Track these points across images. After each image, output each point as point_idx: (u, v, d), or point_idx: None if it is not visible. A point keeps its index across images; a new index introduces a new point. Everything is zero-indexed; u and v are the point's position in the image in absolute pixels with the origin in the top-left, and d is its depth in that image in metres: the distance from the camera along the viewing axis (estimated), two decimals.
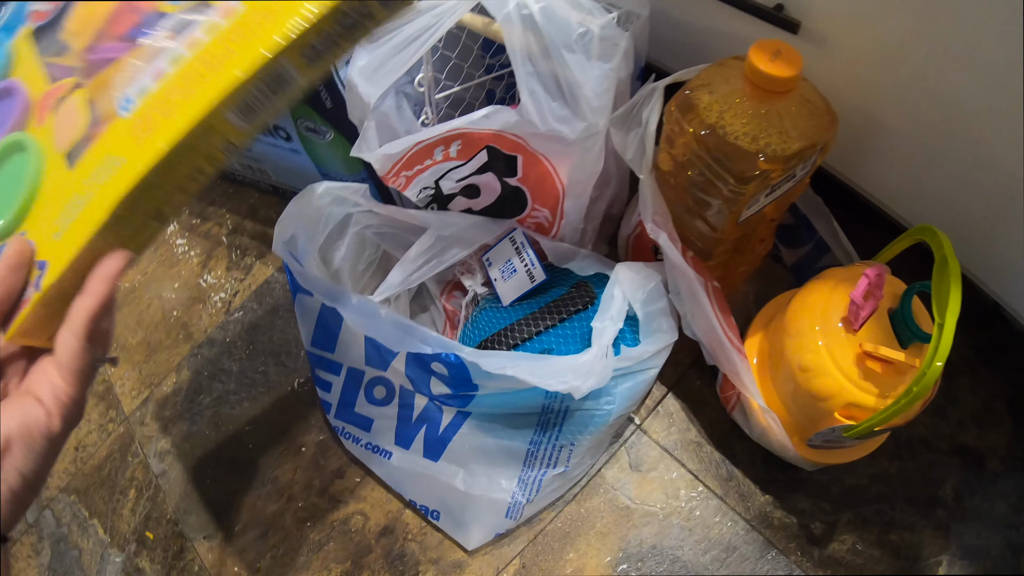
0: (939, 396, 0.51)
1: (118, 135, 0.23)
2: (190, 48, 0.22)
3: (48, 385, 0.21)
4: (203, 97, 0.21)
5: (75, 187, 0.23)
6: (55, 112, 0.26)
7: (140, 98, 0.23)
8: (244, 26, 0.22)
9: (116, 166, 0.22)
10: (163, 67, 0.23)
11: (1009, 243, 0.41)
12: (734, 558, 0.45)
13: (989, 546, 0.47)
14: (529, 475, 0.41)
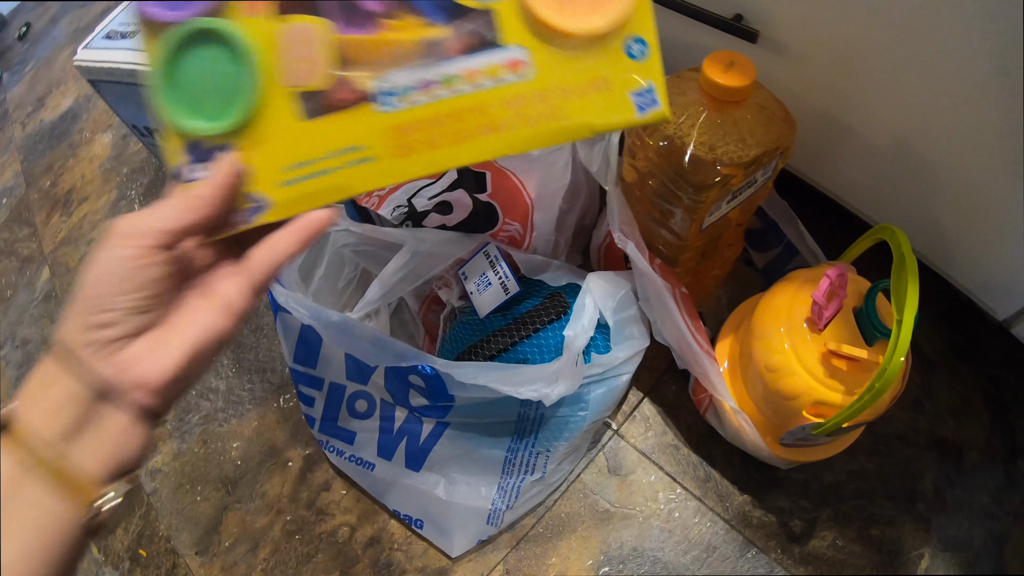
0: (915, 391, 0.53)
1: (370, 125, 0.23)
2: (470, 82, 0.22)
3: (236, 292, 0.23)
4: (481, 146, 0.22)
5: (310, 148, 0.23)
6: (282, 23, 0.22)
7: (403, 103, 0.22)
8: (542, 95, 0.22)
9: (363, 159, 0.23)
10: (435, 83, 0.22)
11: (972, 237, 0.42)
12: (714, 558, 0.46)
13: (971, 537, 0.48)
14: (508, 482, 0.43)
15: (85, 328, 0.21)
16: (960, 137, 0.37)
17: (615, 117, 0.23)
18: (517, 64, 0.22)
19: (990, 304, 0.45)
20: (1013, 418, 0.52)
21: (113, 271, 0.21)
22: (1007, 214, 0.39)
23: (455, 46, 0.22)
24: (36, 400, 0.21)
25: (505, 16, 0.22)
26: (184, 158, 0.23)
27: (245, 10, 0.22)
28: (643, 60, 0.23)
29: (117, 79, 0.56)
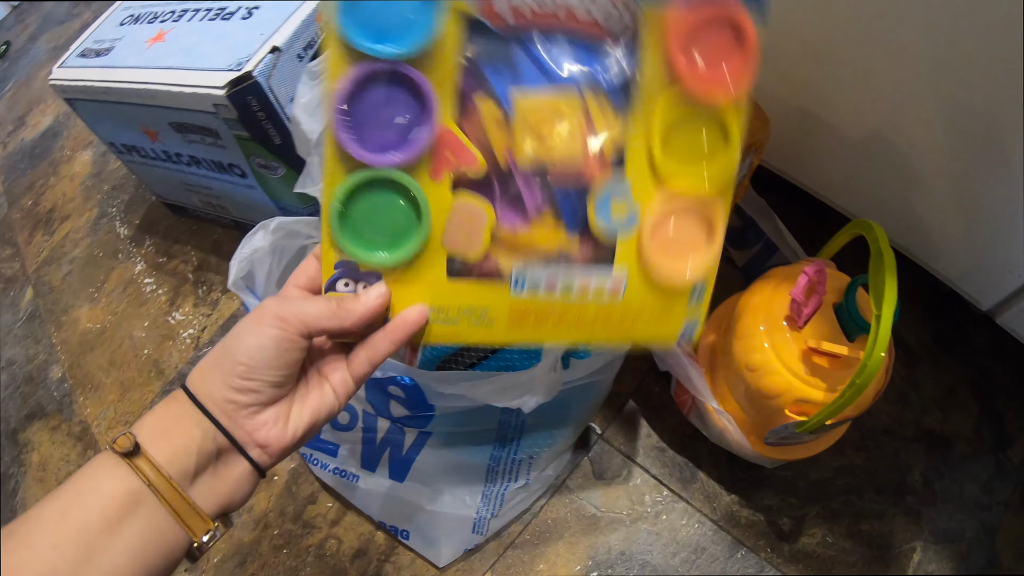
0: (901, 383, 0.53)
1: (499, 299, 0.28)
2: (581, 293, 0.29)
3: (342, 382, 0.27)
4: (568, 335, 0.29)
5: (445, 300, 0.28)
6: (456, 197, 0.27)
7: (529, 291, 0.28)
8: (622, 316, 0.29)
9: (484, 321, 0.29)
10: (557, 285, 0.28)
11: (953, 228, 0.42)
12: (703, 559, 0.46)
13: (963, 528, 0.48)
14: (492, 490, 0.42)
15: (229, 388, 0.24)
16: (935, 127, 0.38)
17: (662, 340, 0.30)
18: (616, 291, 0.29)
19: (974, 294, 0.45)
20: (1001, 407, 0.52)
21: (266, 347, 0.24)
22: (985, 203, 0.39)
23: (580, 257, 0.29)
24: (166, 435, 0.24)
25: (623, 249, 0.29)
26: (335, 271, 0.27)
27: (432, 175, 0.27)
28: (699, 302, 0.30)
29: (92, 97, 0.56)
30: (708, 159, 0.29)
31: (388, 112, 0.26)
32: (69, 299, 0.67)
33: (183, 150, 0.56)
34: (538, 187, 0.28)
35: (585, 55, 0.27)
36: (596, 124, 0.28)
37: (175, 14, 0.56)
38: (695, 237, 0.29)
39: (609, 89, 0.28)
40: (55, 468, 0.57)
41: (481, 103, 0.27)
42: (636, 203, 0.28)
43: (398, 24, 0.25)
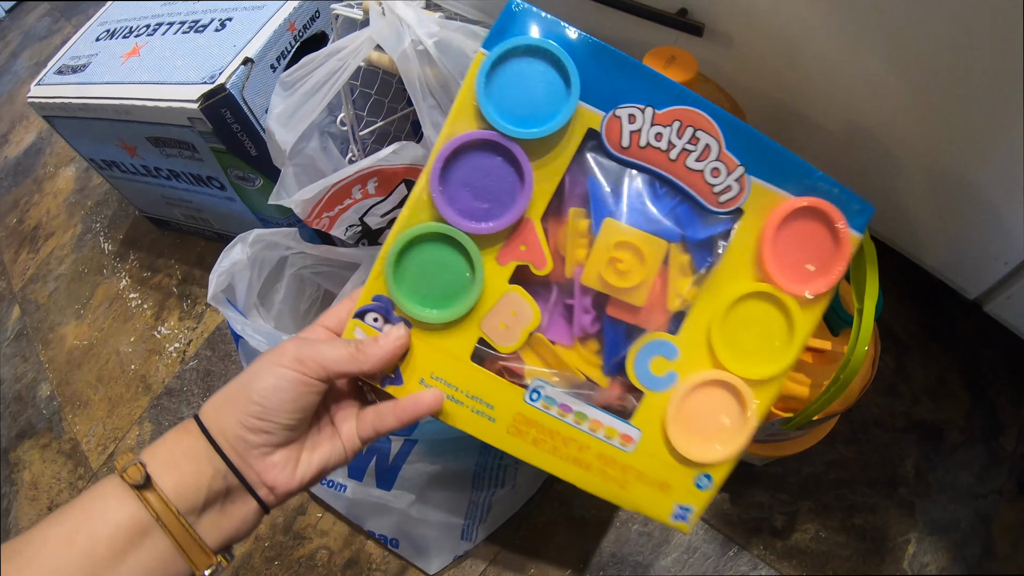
0: (890, 374, 0.53)
1: (510, 401, 0.27)
2: (592, 428, 0.28)
3: (350, 437, 0.27)
4: (562, 468, 0.28)
5: (460, 379, 0.27)
6: (509, 288, 0.27)
7: (542, 406, 0.27)
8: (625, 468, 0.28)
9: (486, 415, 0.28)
10: (571, 412, 0.27)
11: (937, 218, 0.42)
12: (696, 558, 0.46)
13: (957, 518, 0.48)
14: (479, 496, 0.43)
15: (242, 427, 0.24)
16: (912, 118, 0.37)
17: (654, 510, 0.29)
18: (628, 439, 0.28)
19: (960, 283, 0.45)
20: (992, 395, 0.52)
21: (284, 389, 0.24)
22: (968, 192, 0.39)
23: (602, 400, 0.28)
24: (177, 467, 0.24)
25: (648, 404, 0.28)
26: (371, 303, 0.27)
27: (499, 257, 0.27)
28: (702, 491, 0.29)
29: (70, 114, 0.56)
30: (765, 349, 0.28)
31: (486, 184, 0.26)
32: (56, 316, 0.67)
33: (162, 164, 0.56)
34: (592, 312, 0.28)
35: (686, 212, 0.27)
36: (671, 276, 0.28)
37: (150, 28, 0.56)
38: (725, 421, 0.28)
39: (696, 250, 0.27)
40: (47, 486, 0.57)
41: (573, 212, 0.28)
42: (678, 366, 0.28)
43: (527, 111, 0.26)
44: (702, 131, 0.26)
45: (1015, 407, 0.51)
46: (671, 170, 0.27)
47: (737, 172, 0.26)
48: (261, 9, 0.51)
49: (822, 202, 0.27)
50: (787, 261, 0.27)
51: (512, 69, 0.26)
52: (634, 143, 0.26)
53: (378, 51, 0.42)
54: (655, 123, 0.26)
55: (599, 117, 0.26)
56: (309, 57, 0.42)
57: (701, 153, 0.26)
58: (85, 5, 1.01)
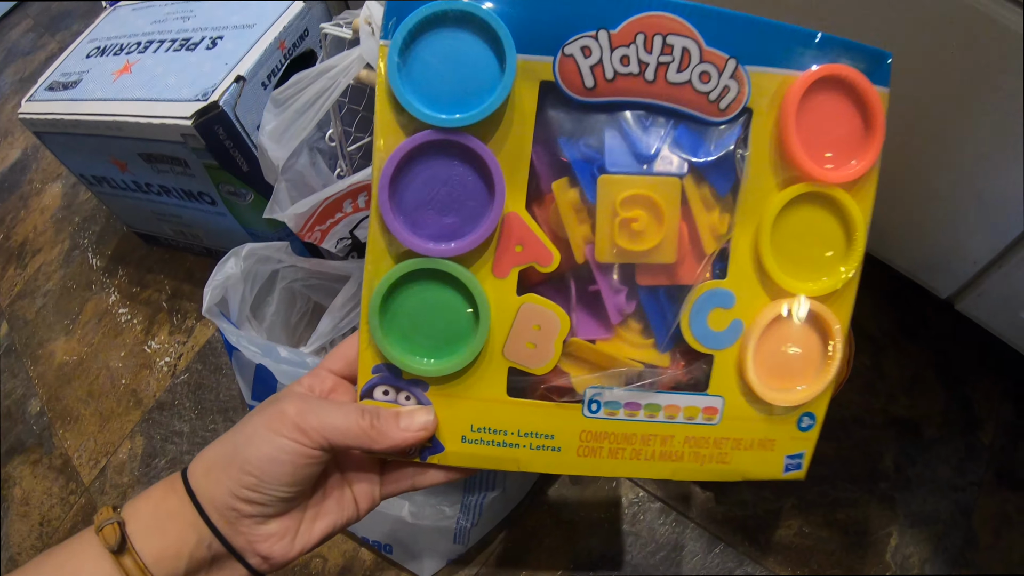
0: (867, 373, 0.56)
1: (569, 423, 0.24)
2: (668, 415, 0.24)
3: (367, 495, 0.25)
4: (651, 468, 0.25)
5: (504, 420, 0.24)
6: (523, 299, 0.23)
7: (606, 414, 0.24)
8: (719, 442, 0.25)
9: (548, 447, 0.24)
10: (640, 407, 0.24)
11: (904, 220, 0.45)
12: (683, 556, 0.48)
13: (938, 511, 0.50)
14: (470, 500, 0.45)
15: (234, 496, 0.22)
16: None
17: (765, 471, 0.26)
18: (712, 411, 0.25)
19: (932, 283, 0.48)
20: (968, 390, 0.55)
21: (281, 461, 0.22)
22: (931, 194, 0.42)
23: (670, 382, 0.24)
24: (159, 531, 0.22)
25: (721, 366, 0.24)
26: (373, 376, 0.23)
27: (495, 270, 0.23)
28: (808, 432, 0.26)
29: (61, 130, 0.58)
30: (828, 256, 0.24)
31: (447, 192, 0.22)
32: (44, 332, 0.69)
33: (153, 180, 0.58)
34: (623, 289, 0.24)
35: (686, 134, 0.23)
36: (696, 215, 0.23)
37: (141, 45, 0.58)
38: (808, 353, 0.25)
39: (712, 175, 0.23)
40: (38, 502, 0.58)
41: (556, 187, 0.23)
42: (739, 312, 0.24)
43: (461, 88, 0.21)
44: (673, 35, 0.22)
45: (990, 401, 0.54)
46: (653, 93, 0.22)
47: (730, 67, 0.22)
48: (251, 28, 0.53)
49: (836, 67, 0.23)
50: (820, 146, 0.23)
51: (427, 48, 0.21)
52: (599, 79, 0.22)
53: (368, 70, 0.45)
54: (615, 46, 0.22)
55: (548, 65, 0.22)
56: (300, 75, 0.44)
57: (681, 61, 0.22)
58: (69, 21, 1.03)
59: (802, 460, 0.26)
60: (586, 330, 0.24)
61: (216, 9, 0.57)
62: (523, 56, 0.22)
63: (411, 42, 0.21)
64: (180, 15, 0.59)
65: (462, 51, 0.21)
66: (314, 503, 0.24)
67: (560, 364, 0.24)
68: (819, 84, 0.23)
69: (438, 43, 0.21)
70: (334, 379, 0.25)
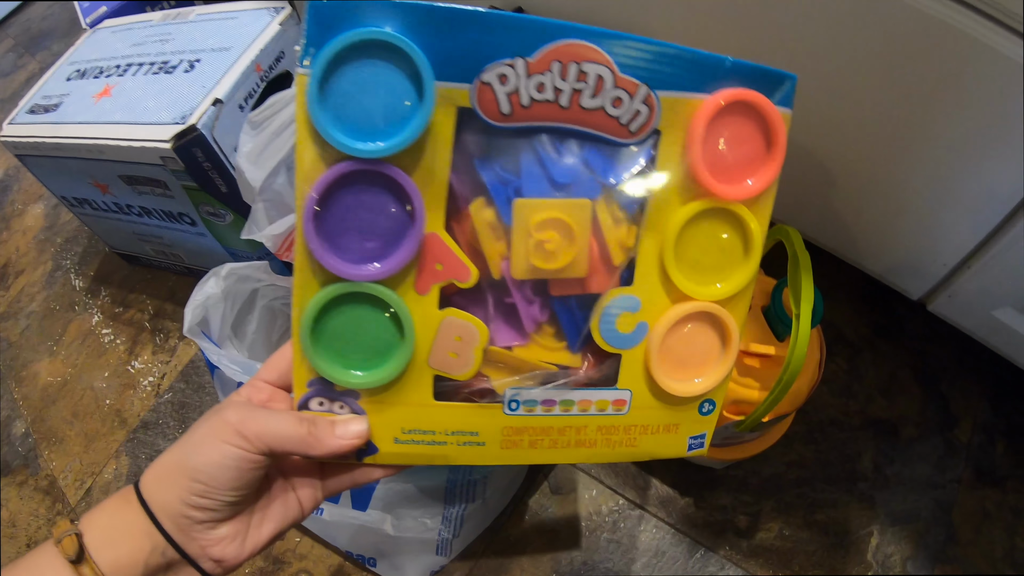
0: (843, 375, 0.57)
1: (491, 421, 0.27)
2: (581, 409, 0.27)
3: (309, 496, 0.27)
4: (567, 454, 0.28)
5: (432, 422, 0.26)
6: (444, 313, 0.25)
7: (525, 411, 0.27)
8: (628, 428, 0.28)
9: (473, 443, 0.27)
10: (555, 403, 0.27)
11: (872, 224, 0.46)
12: (664, 562, 0.50)
13: (918, 508, 0.52)
14: (451, 512, 0.46)
15: (184, 503, 0.24)
16: (840, 131, 0.42)
17: (670, 451, 0.29)
18: (621, 403, 0.28)
19: (903, 285, 0.50)
20: (945, 389, 0.57)
21: (226, 467, 0.23)
22: (899, 198, 0.43)
23: (582, 380, 0.27)
24: (115, 543, 0.23)
25: (628, 363, 0.27)
26: (308, 389, 0.25)
27: (417, 287, 0.25)
28: (708, 416, 0.29)
29: (43, 153, 0.59)
30: (725, 264, 0.27)
31: (368, 218, 0.23)
32: (28, 354, 0.70)
33: (134, 201, 0.59)
34: (536, 300, 0.26)
35: (597, 156, 0.25)
36: (605, 231, 0.26)
37: (120, 68, 0.60)
38: (707, 347, 0.28)
39: (620, 191, 0.25)
40: (25, 523, 0.59)
41: (473, 207, 0.25)
42: (644, 315, 0.26)
43: (381, 116, 0.22)
44: (588, 62, 0.23)
45: (967, 399, 0.56)
46: (567, 118, 0.24)
47: (641, 93, 0.24)
48: (228, 51, 0.55)
49: (740, 92, 0.25)
50: (722, 166, 0.25)
51: (346, 78, 0.22)
52: (515, 106, 0.23)
53: None
54: (531, 73, 0.23)
55: (465, 92, 0.23)
56: (276, 97, 0.46)
57: (595, 88, 0.23)
58: (49, 42, 1.04)
59: (703, 440, 0.30)
60: (503, 338, 0.27)
61: (194, 32, 0.59)
62: (441, 83, 0.23)
63: (330, 72, 0.22)
64: (158, 38, 0.60)
65: (381, 80, 0.22)
66: (260, 507, 0.26)
67: (481, 370, 0.27)
68: (725, 107, 0.25)
69: (357, 72, 0.22)
70: (270, 389, 0.27)
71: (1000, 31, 0.32)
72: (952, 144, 0.37)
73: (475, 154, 0.24)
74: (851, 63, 0.37)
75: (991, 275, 0.42)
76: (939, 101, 0.36)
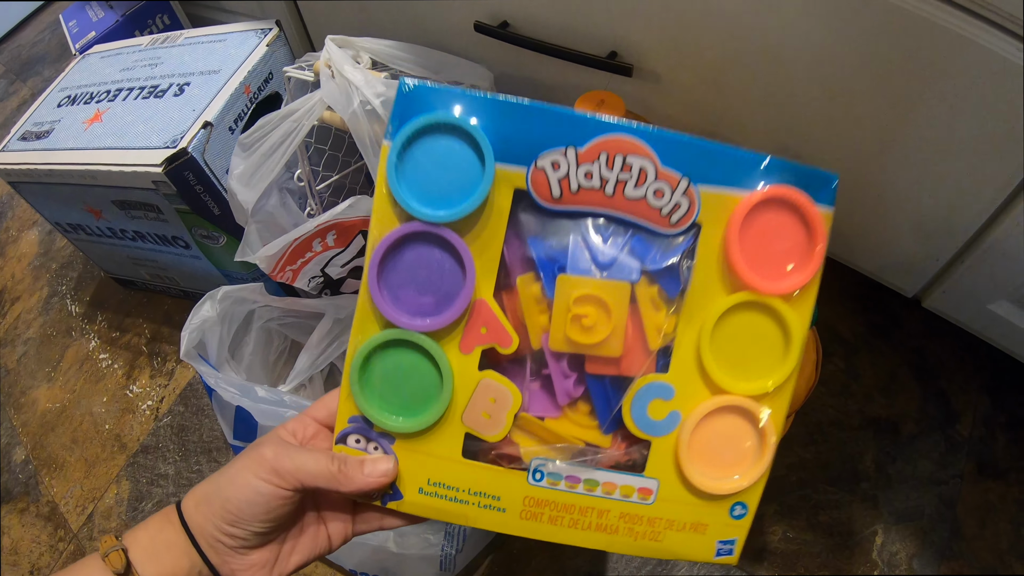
0: (841, 376, 0.58)
1: (514, 488, 0.27)
2: (606, 491, 0.27)
3: (340, 531, 0.29)
4: (587, 538, 0.28)
5: (457, 479, 0.27)
6: (482, 375, 0.26)
7: (549, 484, 0.27)
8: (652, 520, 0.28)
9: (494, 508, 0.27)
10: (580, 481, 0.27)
11: (865, 225, 0.47)
12: (669, 570, 0.50)
13: (921, 505, 0.52)
14: (454, 527, 0.46)
15: (218, 530, 0.26)
16: (831, 134, 0.43)
17: (696, 553, 0.28)
18: (647, 492, 0.27)
19: (898, 283, 0.50)
20: (943, 385, 0.57)
21: (257, 503, 0.25)
22: (890, 196, 0.44)
23: (609, 461, 0.28)
24: (158, 558, 0.26)
25: (658, 451, 0.27)
26: (349, 425, 0.27)
27: (461, 346, 0.27)
28: (740, 520, 0.28)
29: (36, 180, 0.60)
30: (764, 359, 0.27)
31: (427, 275, 0.26)
32: (26, 381, 0.70)
33: (127, 226, 0.60)
34: (572, 375, 0.27)
35: (640, 243, 0.26)
36: (644, 314, 0.27)
37: (110, 94, 0.60)
38: (742, 444, 0.27)
39: (662, 279, 0.27)
40: (27, 550, 0.59)
41: (521, 280, 0.27)
42: (678, 404, 0.27)
43: (448, 188, 0.26)
44: (632, 155, 0.25)
45: (966, 394, 0.56)
46: (612, 205, 0.26)
47: (682, 186, 0.25)
48: (217, 73, 0.56)
49: (780, 188, 0.25)
50: (761, 261, 0.26)
51: (421, 151, 0.26)
52: (565, 190, 0.26)
53: (330, 111, 0.47)
54: (581, 163, 0.25)
55: (522, 174, 0.26)
56: (265, 119, 0.47)
57: (638, 179, 0.26)
58: (40, 67, 1.05)
59: (734, 546, 0.28)
60: (537, 407, 0.28)
61: (182, 55, 0.60)
62: (501, 164, 0.26)
63: (408, 145, 0.26)
64: (148, 62, 0.61)
65: (451, 155, 0.26)
66: (291, 536, 0.28)
67: (511, 435, 0.28)
68: (765, 203, 0.26)
69: (431, 147, 0.26)
70: (316, 426, 0.29)
71: (985, 26, 0.32)
72: (939, 140, 0.38)
73: (528, 232, 0.27)
74: (840, 62, 0.38)
75: (984, 269, 0.42)
76: (925, 98, 0.36)
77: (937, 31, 0.33)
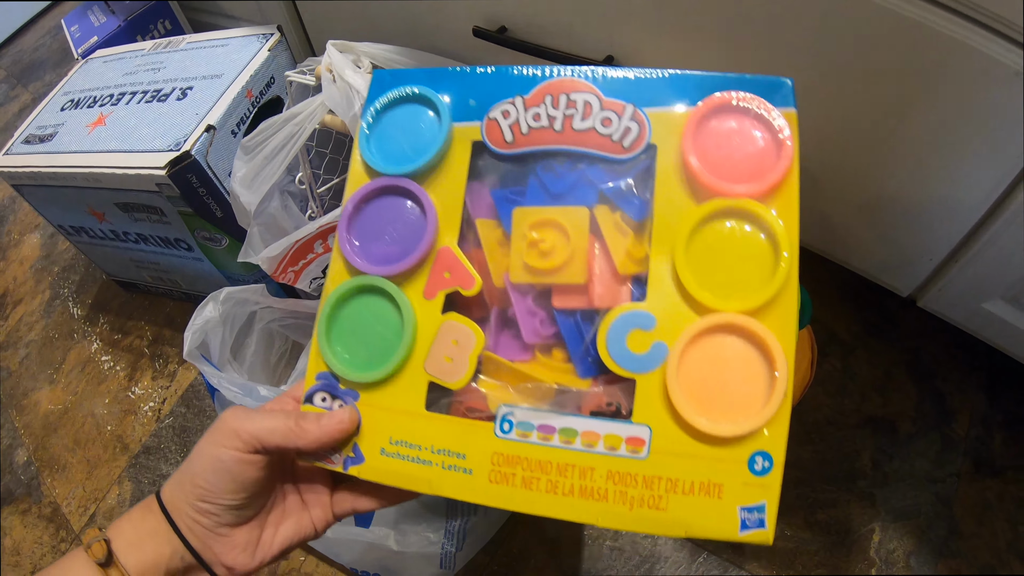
0: (838, 375, 0.58)
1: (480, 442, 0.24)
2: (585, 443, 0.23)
3: (322, 515, 0.28)
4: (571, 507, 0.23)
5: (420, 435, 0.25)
6: (445, 318, 0.26)
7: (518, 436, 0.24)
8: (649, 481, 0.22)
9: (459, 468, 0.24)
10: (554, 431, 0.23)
11: (858, 224, 0.47)
12: (667, 567, 0.50)
13: (918, 504, 0.53)
14: (453, 525, 0.47)
15: (193, 509, 0.26)
16: (822, 129, 0.43)
17: (715, 528, 0.22)
18: (637, 443, 0.22)
19: (893, 283, 0.51)
20: (940, 383, 0.58)
21: (221, 470, 0.25)
22: (886, 197, 0.44)
23: (589, 405, 0.24)
24: (140, 547, 0.26)
25: (644, 391, 0.23)
26: (316, 382, 0.27)
27: (426, 292, 0.26)
28: (764, 477, 0.21)
29: (39, 183, 0.61)
30: (755, 273, 0.23)
31: (395, 228, 0.27)
32: (28, 382, 0.71)
33: (130, 228, 0.61)
34: (539, 313, 0.25)
35: (595, 171, 0.26)
36: (609, 240, 0.25)
37: (113, 98, 0.61)
38: (747, 372, 0.22)
39: (624, 203, 0.25)
40: (29, 551, 0.59)
41: (481, 223, 0.27)
42: (662, 334, 0.23)
43: (413, 149, 0.28)
44: (576, 92, 0.26)
45: (962, 392, 0.57)
46: (563, 141, 0.26)
47: (628, 111, 0.25)
48: (219, 78, 0.56)
49: (732, 93, 0.24)
50: (725, 167, 0.24)
51: (389, 122, 0.29)
52: (517, 134, 0.26)
53: (331, 115, 0.48)
54: (528, 107, 0.26)
55: (478, 127, 0.27)
56: (268, 122, 0.48)
57: (583, 112, 0.26)
58: (41, 72, 1.06)
59: (763, 514, 0.21)
60: (505, 350, 0.26)
61: (185, 60, 0.61)
62: (459, 123, 0.28)
63: (379, 117, 0.29)
64: (150, 67, 0.62)
65: (414, 121, 0.29)
66: (273, 521, 0.28)
67: (478, 382, 0.26)
68: (720, 110, 0.25)
69: (397, 116, 0.29)
70: (295, 404, 0.29)
71: (976, 29, 0.33)
72: (932, 141, 0.39)
73: (490, 183, 0.29)
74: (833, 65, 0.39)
75: (979, 268, 0.43)
76: (917, 99, 0.37)
77: (925, 32, 0.34)
